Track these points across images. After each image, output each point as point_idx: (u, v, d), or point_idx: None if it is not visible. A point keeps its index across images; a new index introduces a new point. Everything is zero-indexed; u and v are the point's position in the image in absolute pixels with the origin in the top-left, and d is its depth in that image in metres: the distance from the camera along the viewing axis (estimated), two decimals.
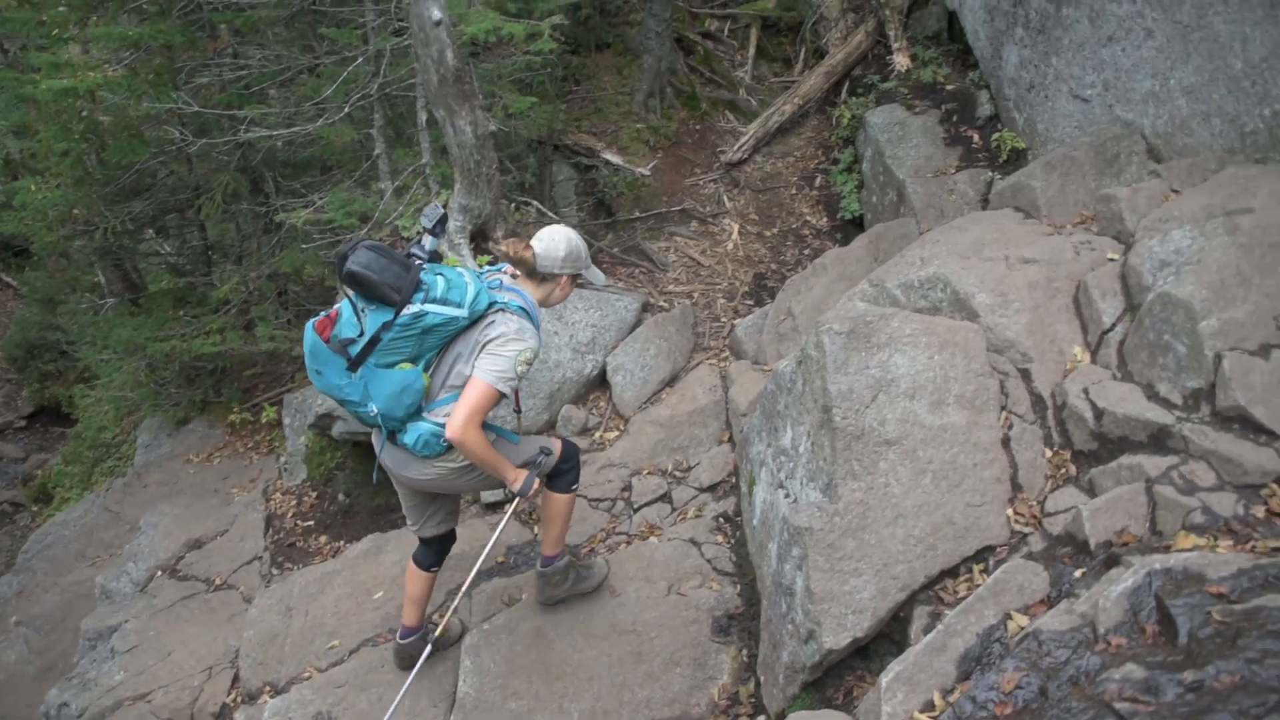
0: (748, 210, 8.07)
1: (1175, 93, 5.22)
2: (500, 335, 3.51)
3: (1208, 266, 3.62)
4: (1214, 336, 3.45)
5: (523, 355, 3.51)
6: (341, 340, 3.48)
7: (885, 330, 3.69)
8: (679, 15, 9.69)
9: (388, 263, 3.39)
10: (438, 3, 5.60)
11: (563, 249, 3.74)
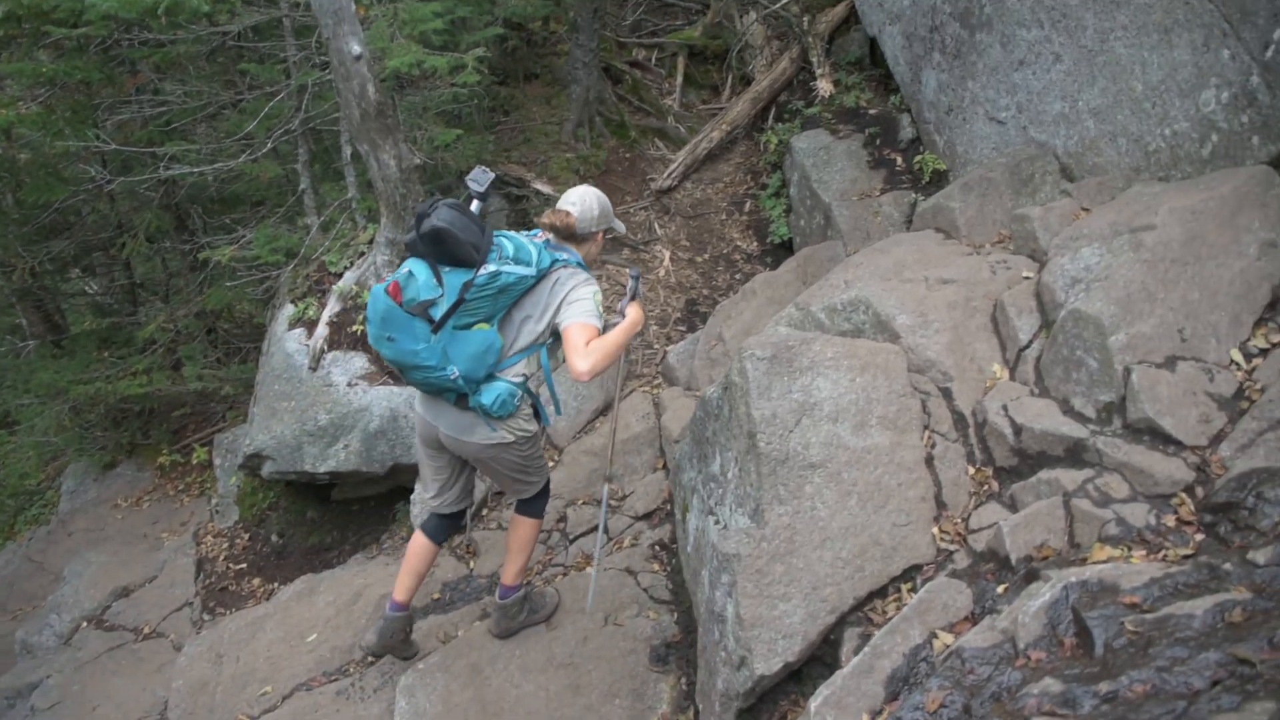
0: (679, 237, 8.12)
1: (1084, 114, 5.38)
2: (573, 286, 3.69)
3: (1115, 283, 3.72)
4: (1123, 351, 3.54)
5: (598, 296, 3.71)
6: (422, 302, 3.48)
7: (807, 354, 3.73)
8: (606, 45, 9.75)
9: (468, 221, 3.46)
10: (357, 37, 5.58)
11: (596, 208, 3.91)
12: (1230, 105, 4.37)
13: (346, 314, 6.41)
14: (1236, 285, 3.77)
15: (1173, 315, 3.64)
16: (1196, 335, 3.65)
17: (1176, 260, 3.77)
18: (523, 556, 4.42)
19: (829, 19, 9.16)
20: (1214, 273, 3.77)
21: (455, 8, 8.10)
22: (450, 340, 3.55)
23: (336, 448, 6.03)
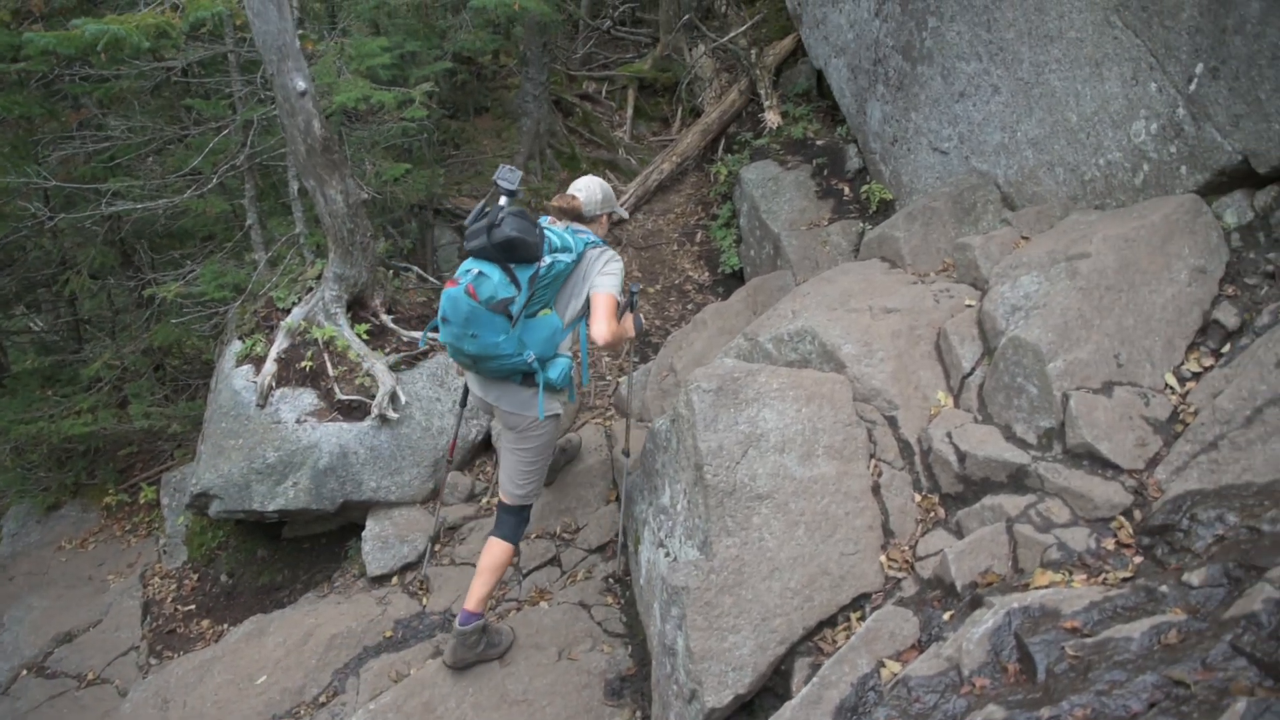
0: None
1: (1022, 144, 5.50)
2: (605, 261, 4.22)
3: (1053, 310, 3.80)
4: (1061, 377, 3.61)
5: (622, 271, 4.25)
6: (501, 300, 3.90)
7: (753, 385, 3.75)
8: (556, 78, 9.82)
9: (529, 225, 3.93)
10: (302, 73, 5.56)
11: (599, 194, 4.44)
12: (1159, 136, 4.50)
13: (295, 350, 6.34)
14: (1169, 311, 3.86)
15: (1109, 341, 3.72)
16: (1132, 360, 3.73)
17: (1111, 287, 3.86)
18: (491, 580, 4.51)
19: (777, 51, 9.31)
20: (1147, 299, 3.86)
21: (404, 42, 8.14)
22: (524, 329, 4.04)
23: (285, 485, 5.95)
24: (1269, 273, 3.95)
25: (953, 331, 4.19)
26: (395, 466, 6.06)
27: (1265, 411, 3.23)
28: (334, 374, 6.21)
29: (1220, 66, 4.09)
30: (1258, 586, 2.54)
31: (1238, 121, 4.05)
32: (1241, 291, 3.97)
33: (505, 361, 4.05)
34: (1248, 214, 4.14)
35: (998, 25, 5.52)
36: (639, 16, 11.39)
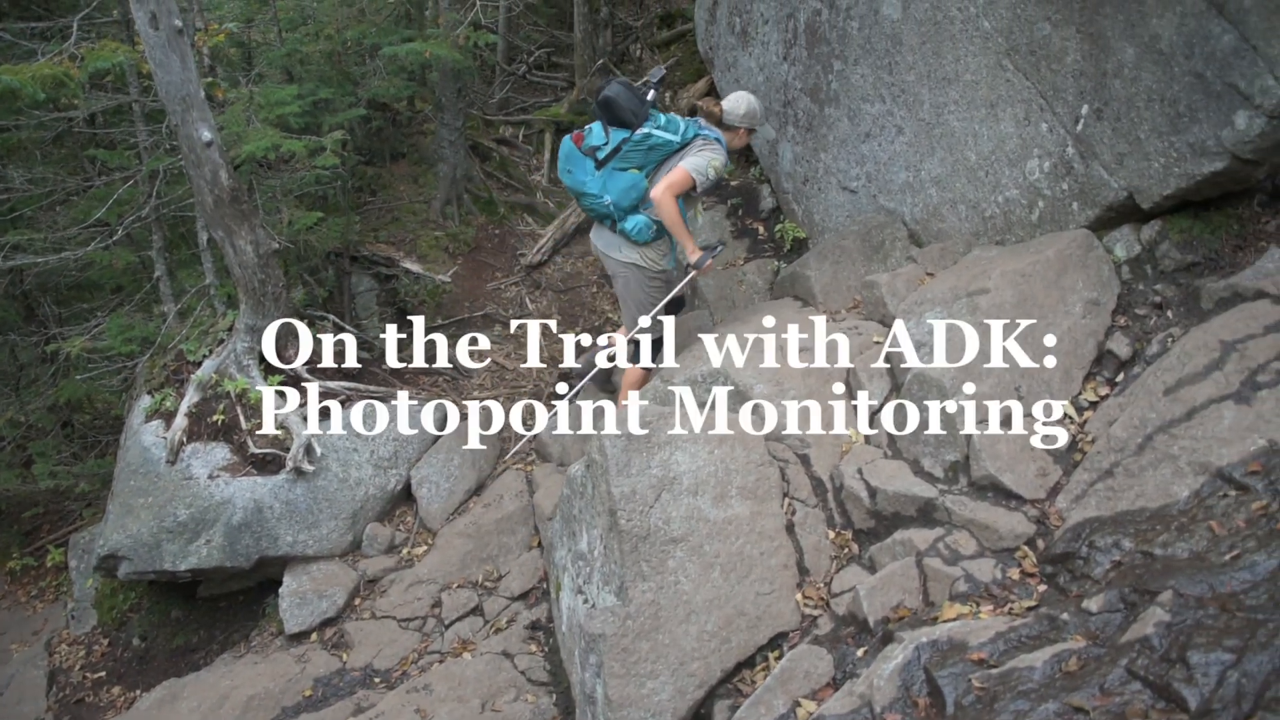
0: (550, 311, 8.15)
1: (926, 183, 5.66)
2: (701, 148, 4.89)
3: (955, 345, 3.90)
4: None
5: (714, 161, 4.87)
6: (592, 146, 4.95)
7: (665, 429, 3.77)
8: (473, 123, 9.83)
9: (631, 95, 4.88)
10: (207, 124, 5.49)
11: (743, 107, 5.12)
12: (1052, 174, 4.67)
13: (206, 404, 6.19)
14: (1065, 342, 3.99)
15: (1009, 375, 3.82)
16: (1032, 392, 3.84)
17: (1010, 322, 3.97)
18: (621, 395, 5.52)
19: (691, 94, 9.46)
20: (1045, 332, 3.99)
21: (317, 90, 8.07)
22: (609, 177, 4.93)
23: (198, 544, 5.77)
24: (1157, 303, 4.11)
25: (862, 368, 4.27)
26: (312, 520, 5.93)
27: (1155, 439, 3.34)
28: (247, 427, 6.07)
29: (1103, 108, 4.28)
30: (1150, 610, 2.62)
31: (1122, 160, 4.22)
32: (1133, 322, 4.12)
33: (591, 201, 5.03)
34: (1135, 247, 4.31)
35: (899, 68, 5.70)
36: (554, 61, 11.48)
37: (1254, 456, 3.07)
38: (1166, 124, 3.97)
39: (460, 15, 7.79)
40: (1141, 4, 3.99)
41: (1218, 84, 3.71)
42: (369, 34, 8.22)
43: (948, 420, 3.70)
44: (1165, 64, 3.92)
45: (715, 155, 4.88)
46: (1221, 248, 4.08)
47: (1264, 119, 3.56)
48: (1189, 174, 3.92)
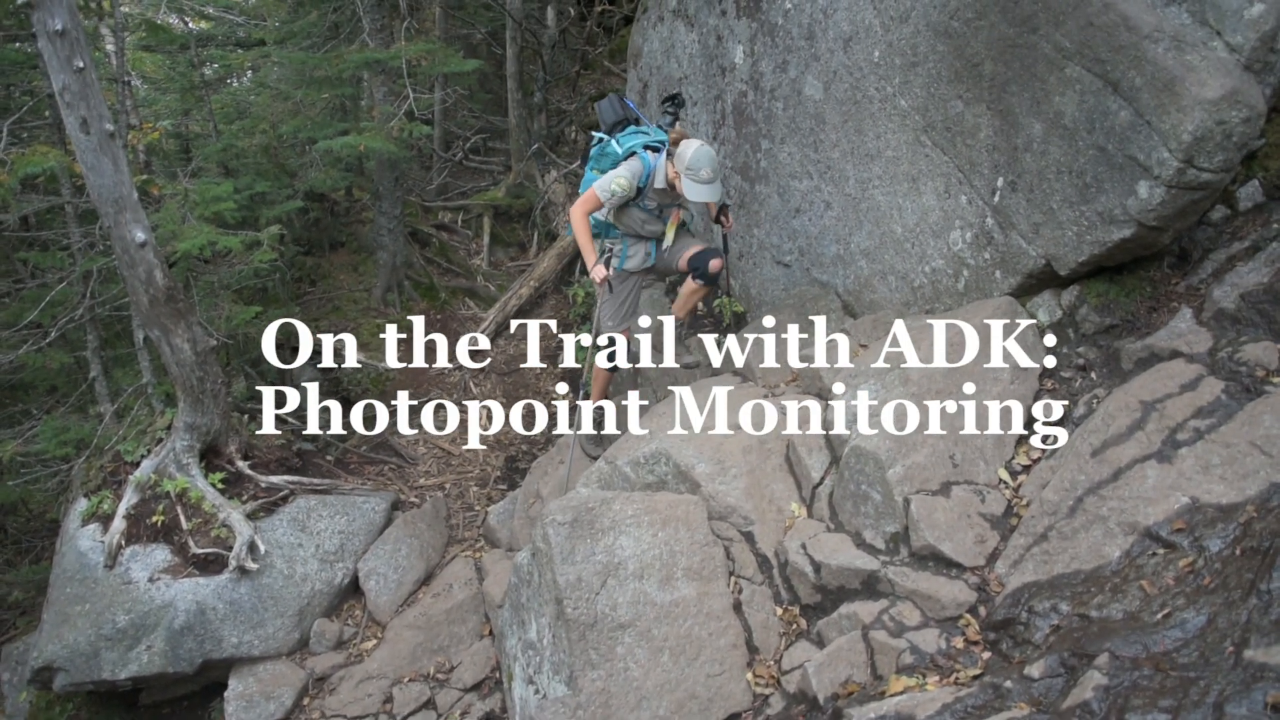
0: (495, 394, 8.15)
1: (856, 255, 5.81)
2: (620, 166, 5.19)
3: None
4: (901, 482, 3.76)
5: (618, 178, 5.09)
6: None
7: (608, 514, 3.78)
8: (411, 210, 9.91)
9: (611, 106, 5.54)
10: (141, 225, 5.48)
11: (687, 152, 5.03)
12: (974, 244, 4.84)
13: (145, 505, 6.06)
14: (996, 408, 4.09)
15: (943, 444, 3.90)
16: (967, 459, 3.92)
17: (941, 391, 4.08)
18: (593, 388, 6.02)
19: None
20: (977, 400, 4.09)
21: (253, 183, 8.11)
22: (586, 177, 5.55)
23: (138, 650, 5.60)
24: (1081, 366, 4.24)
25: (800, 443, 4.33)
26: (258, 619, 5.79)
27: (1085, 500, 3.43)
28: (188, 527, 5.95)
29: (1017, 180, 4.46)
30: (1088, 675, 2.67)
31: (1037, 229, 4.39)
32: (1059, 385, 4.24)
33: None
34: (1057, 312, 4.46)
35: (823, 145, 5.89)
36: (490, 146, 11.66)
37: (1178, 514, 3.16)
38: (1076, 194, 4.15)
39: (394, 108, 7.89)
40: (1044, 82, 4.20)
41: (1119, 156, 3.90)
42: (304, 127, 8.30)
43: (886, 491, 3.76)
44: (1070, 138, 4.12)
45: (620, 174, 5.10)
46: (1137, 309, 4.24)
47: (1163, 188, 3.74)
48: (1100, 241, 4.09)
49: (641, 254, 5.58)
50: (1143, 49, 3.74)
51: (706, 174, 4.97)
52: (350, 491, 6.65)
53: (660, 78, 8.28)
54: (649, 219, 5.42)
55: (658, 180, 5.21)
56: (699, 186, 5.00)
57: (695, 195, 5.04)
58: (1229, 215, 4.20)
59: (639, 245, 5.56)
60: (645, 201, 5.32)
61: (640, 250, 5.57)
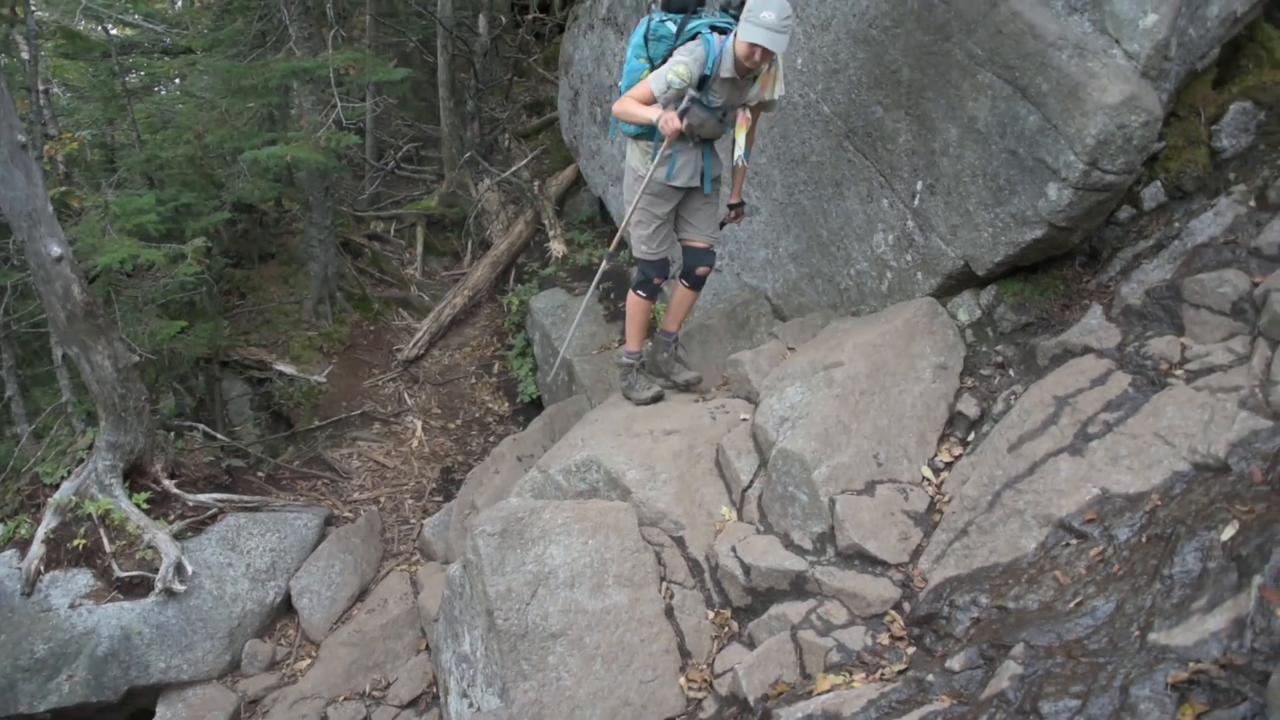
0: (430, 405, 8.09)
1: (785, 259, 5.89)
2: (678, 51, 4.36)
3: (814, 419, 4.03)
4: (827, 483, 3.81)
5: (675, 67, 4.28)
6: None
7: (538, 524, 3.78)
8: (343, 220, 9.80)
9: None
10: (57, 239, 5.35)
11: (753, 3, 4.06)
12: (896, 246, 4.93)
13: (66, 528, 5.89)
14: (919, 407, 4.18)
15: (867, 443, 3.97)
16: (890, 458, 3.99)
17: (865, 391, 4.15)
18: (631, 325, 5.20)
19: (559, 181, 9.66)
20: (898, 398, 4.17)
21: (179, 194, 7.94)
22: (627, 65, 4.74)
23: (59, 680, 5.44)
24: (999, 363, 4.35)
25: (730, 446, 4.36)
26: (186, 643, 5.66)
27: (1003, 495, 3.52)
28: (111, 550, 5.80)
29: (935, 184, 4.56)
30: (1004, 665, 2.73)
31: (955, 231, 4.49)
32: (979, 382, 4.34)
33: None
34: (976, 311, 4.57)
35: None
36: (423, 155, 11.57)
37: (1089, 505, 3.26)
38: (990, 197, 4.25)
39: (322, 117, 7.80)
40: (958, 88, 4.30)
41: (1029, 160, 4.01)
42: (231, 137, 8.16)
43: (812, 493, 3.81)
44: (984, 142, 4.22)
45: (679, 59, 4.26)
46: (1051, 307, 4.36)
47: (1071, 190, 3.86)
48: (1014, 242, 4.20)
49: (692, 166, 4.72)
50: (1048, 56, 3.85)
51: (769, 17, 3.99)
52: (282, 508, 6.54)
53: (591, 85, 8.31)
54: (709, 119, 4.51)
55: (724, 67, 4.31)
56: (757, 30, 4.03)
57: (749, 35, 4.06)
58: (1134, 215, 4.34)
59: (690, 154, 4.69)
60: (709, 96, 4.42)
61: (691, 162, 4.71)
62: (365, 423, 7.82)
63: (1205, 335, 3.71)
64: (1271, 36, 4.29)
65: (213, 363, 8.10)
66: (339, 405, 7.98)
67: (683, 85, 4.27)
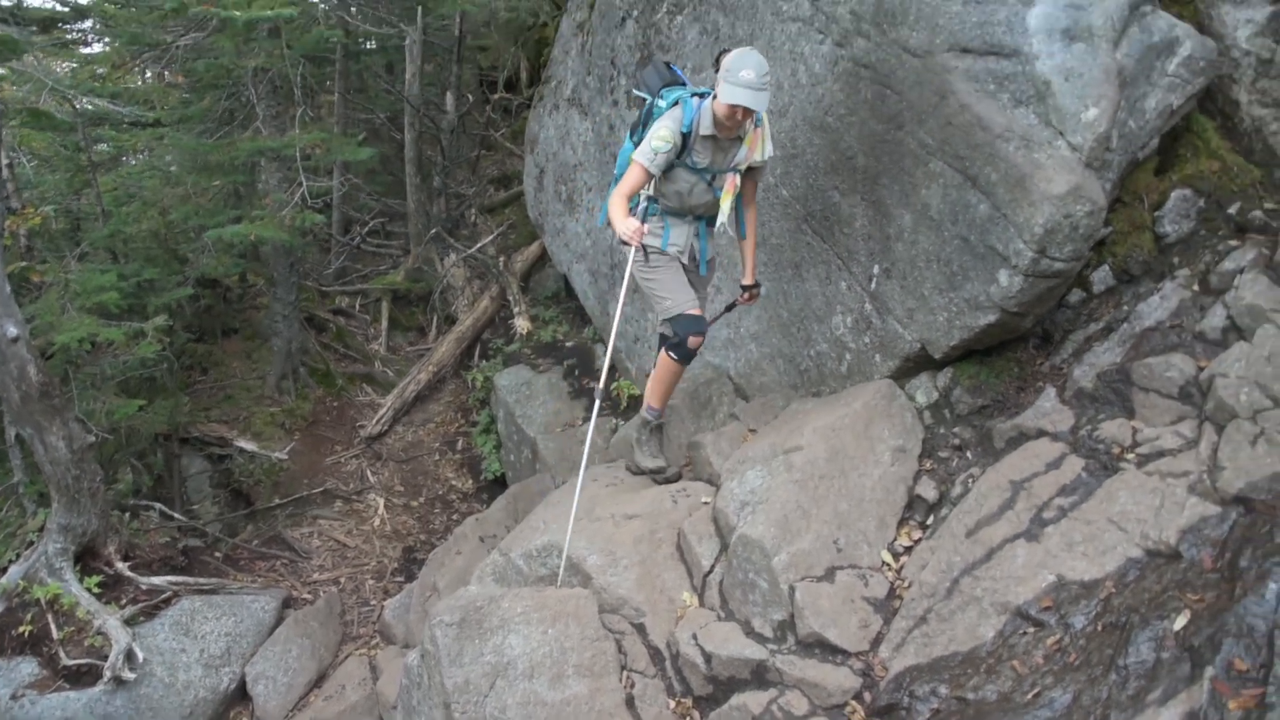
0: (392, 482, 8.02)
1: (746, 339, 5.95)
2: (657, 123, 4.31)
3: (774, 504, 4.03)
4: (786, 570, 3.80)
5: (656, 133, 4.25)
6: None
7: (496, 613, 3.73)
8: (308, 295, 9.79)
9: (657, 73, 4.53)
10: (14, 319, 5.30)
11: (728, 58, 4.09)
12: (854, 328, 5.00)
13: (12, 614, 5.74)
14: (878, 491, 4.20)
15: (827, 528, 3.97)
16: (850, 543, 3.99)
17: (825, 476, 4.16)
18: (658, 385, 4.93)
19: (525, 257, 9.73)
20: (857, 482, 4.19)
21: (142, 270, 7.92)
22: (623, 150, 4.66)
23: None
24: (957, 445, 4.39)
25: (691, 531, 4.35)
26: None
27: (961, 581, 3.52)
28: (59, 636, 5.65)
29: (891, 268, 4.64)
30: None
31: (911, 314, 4.57)
32: (937, 465, 4.38)
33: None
34: (934, 394, 4.63)
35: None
36: (389, 229, 11.63)
37: (1045, 592, 3.28)
38: (945, 281, 4.34)
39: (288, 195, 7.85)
40: (912, 176, 4.41)
41: (981, 246, 4.10)
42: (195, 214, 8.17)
43: (772, 579, 3.80)
44: (937, 229, 4.32)
45: (661, 125, 4.25)
46: (1006, 390, 4.42)
47: (1021, 276, 3.95)
48: (968, 326, 4.27)
49: (684, 242, 4.65)
50: (996, 147, 3.97)
51: (748, 75, 3.96)
52: (239, 590, 6.42)
53: (556, 164, 8.43)
54: (697, 184, 4.45)
55: (704, 125, 4.26)
56: (736, 90, 3.99)
57: (729, 97, 4.01)
58: (1085, 298, 4.44)
59: (682, 228, 4.64)
60: (692, 157, 4.35)
61: (683, 234, 4.64)
62: (327, 500, 7.73)
63: (1155, 418, 3.77)
64: (1206, 127, 4.45)
65: (172, 439, 8.00)
66: (300, 482, 7.89)
67: (670, 148, 4.22)
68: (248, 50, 7.45)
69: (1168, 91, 4.14)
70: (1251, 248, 4.05)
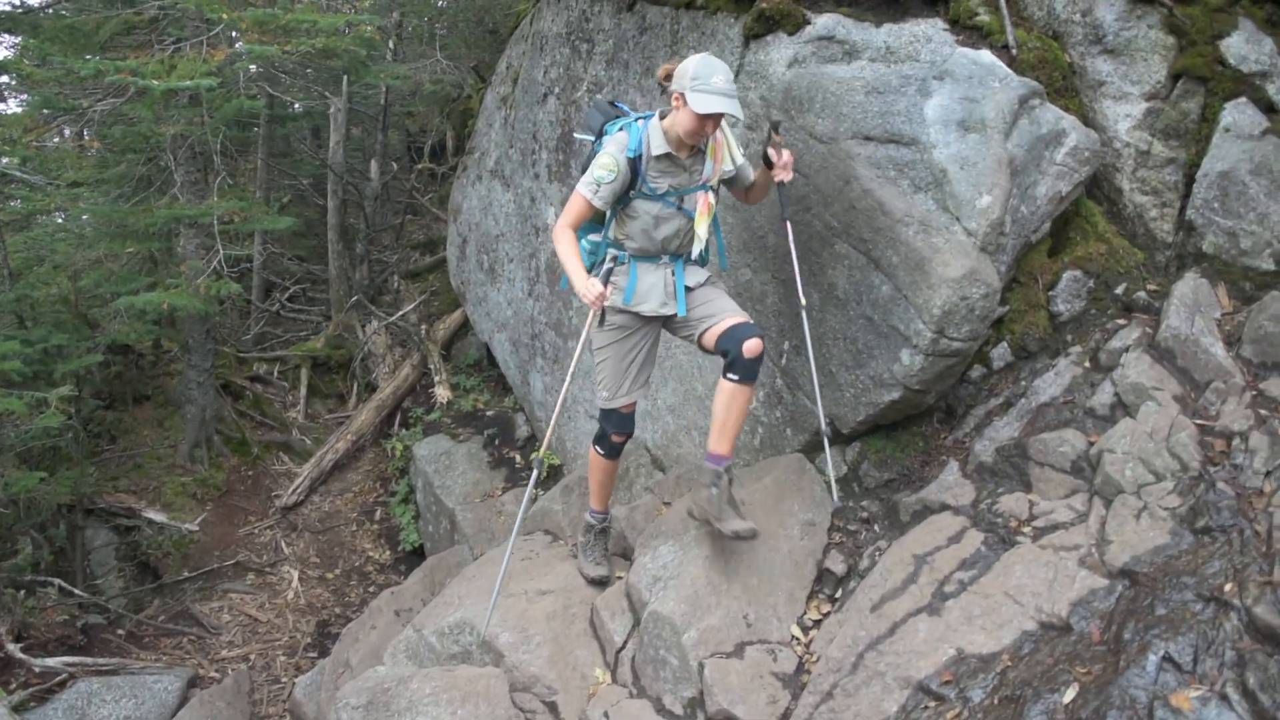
0: (308, 554, 7.85)
1: (663, 411, 6.02)
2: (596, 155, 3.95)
3: (684, 580, 4.07)
4: (696, 646, 3.83)
5: (598, 163, 3.85)
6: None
7: (405, 695, 3.68)
8: (224, 361, 9.63)
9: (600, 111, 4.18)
10: None
11: (689, 67, 3.74)
12: (766, 403, 5.10)
13: None
14: (787, 565, 4.26)
15: (737, 604, 4.02)
16: (760, 618, 4.04)
17: (736, 551, 4.21)
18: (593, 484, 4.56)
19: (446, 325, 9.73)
20: (767, 557, 4.25)
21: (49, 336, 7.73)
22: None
23: None
24: (865, 519, 4.49)
25: (604, 607, 4.35)
26: None
27: (866, 656, 3.58)
28: None
29: (800, 344, 4.77)
30: None
31: (820, 390, 4.69)
32: (846, 538, 4.46)
33: None
34: (843, 468, 4.74)
35: None
36: (310, 295, 11.54)
37: (946, 666, 3.35)
38: (851, 359, 4.47)
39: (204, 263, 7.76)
40: (819, 256, 4.57)
41: (884, 326, 4.25)
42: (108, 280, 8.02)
43: (682, 656, 3.82)
44: (843, 308, 4.47)
45: (604, 154, 3.86)
46: (911, 464, 4.55)
47: (922, 356, 4.10)
48: (874, 402, 4.40)
49: (657, 285, 4.10)
50: (896, 231, 4.14)
51: (720, 81, 3.66)
52: (141, 670, 6.20)
53: (479, 234, 8.50)
54: (664, 212, 3.97)
55: (654, 145, 3.87)
56: (710, 97, 3.65)
57: (706, 106, 3.65)
58: (985, 373, 4.60)
59: (652, 273, 4.09)
60: (648, 184, 3.91)
61: (656, 279, 4.09)
62: (239, 573, 7.53)
63: (1050, 492, 3.92)
64: (1094, 212, 4.70)
65: (76, 510, 7.75)
66: (211, 555, 7.68)
67: (614, 178, 3.80)
68: (166, 117, 7.41)
69: (1056, 179, 4.37)
70: (1136, 326, 4.26)
